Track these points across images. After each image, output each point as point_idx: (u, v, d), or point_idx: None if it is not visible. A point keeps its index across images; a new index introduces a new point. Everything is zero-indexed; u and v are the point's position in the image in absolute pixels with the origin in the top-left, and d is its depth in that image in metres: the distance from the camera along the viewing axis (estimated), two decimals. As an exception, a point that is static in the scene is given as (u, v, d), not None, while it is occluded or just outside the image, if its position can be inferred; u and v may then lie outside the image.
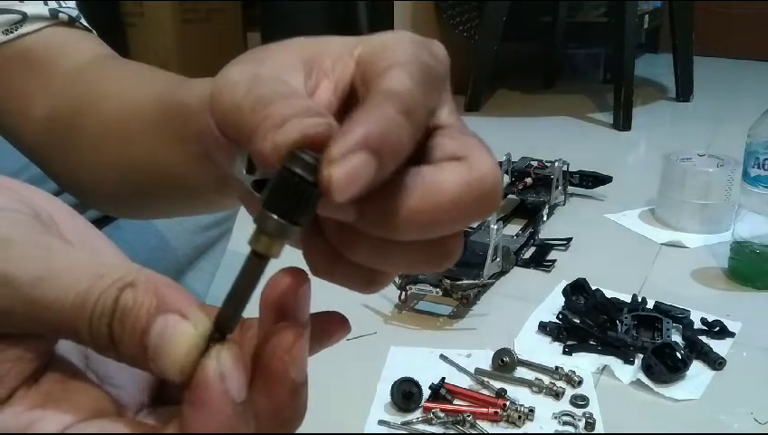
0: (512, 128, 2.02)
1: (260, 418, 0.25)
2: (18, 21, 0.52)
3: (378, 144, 0.23)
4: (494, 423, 0.69)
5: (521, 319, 0.88)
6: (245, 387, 0.23)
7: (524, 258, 1.08)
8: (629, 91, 1.92)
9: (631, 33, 1.92)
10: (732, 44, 2.99)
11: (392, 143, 0.23)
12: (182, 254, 0.80)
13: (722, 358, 0.78)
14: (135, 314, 0.22)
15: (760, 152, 0.92)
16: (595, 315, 0.85)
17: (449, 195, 0.24)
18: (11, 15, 0.52)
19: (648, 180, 1.32)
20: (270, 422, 0.25)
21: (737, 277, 0.99)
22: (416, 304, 0.93)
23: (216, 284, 0.87)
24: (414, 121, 0.24)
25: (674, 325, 0.84)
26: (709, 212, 1.14)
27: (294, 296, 0.24)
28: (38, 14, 0.54)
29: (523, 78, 2.70)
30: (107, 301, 0.22)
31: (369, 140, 0.22)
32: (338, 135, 0.23)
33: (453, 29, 2.33)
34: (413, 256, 0.26)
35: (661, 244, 1.13)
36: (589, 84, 2.62)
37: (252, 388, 0.24)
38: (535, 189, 1.26)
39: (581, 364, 0.78)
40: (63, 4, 0.56)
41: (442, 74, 0.27)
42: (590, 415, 0.69)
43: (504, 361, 0.77)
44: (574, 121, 2.05)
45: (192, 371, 0.22)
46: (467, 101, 2.21)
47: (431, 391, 0.72)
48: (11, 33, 0.52)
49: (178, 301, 0.22)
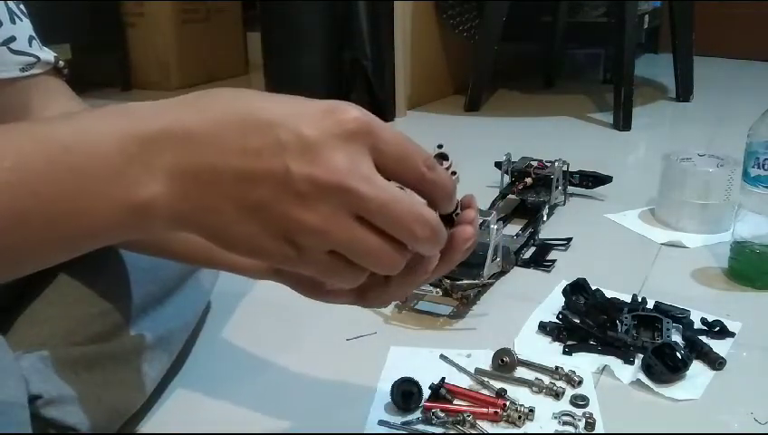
0: (512, 128, 2.02)
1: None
2: (33, 63, 0.66)
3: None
4: (494, 423, 0.69)
5: (521, 319, 0.88)
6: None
7: (524, 258, 1.08)
8: (629, 91, 1.92)
9: (631, 33, 1.92)
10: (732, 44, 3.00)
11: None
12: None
13: (722, 358, 0.78)
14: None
15: (760, 152, 0.92)
16: (595, 315, 0.85)
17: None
18: (28, 57, 0.65)
19: (648, 180, 1.32)
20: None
21: (737, 277, 0.99)
22: (416, 304, 0.93)
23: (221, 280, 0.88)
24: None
25: (674, 325, 0.84)
26: (709, 212, 1.14)
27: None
28: (47, 59, 0.67)
29: (523, 78, 2.70)
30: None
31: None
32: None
33: (453, 29, 2.33)
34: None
35: (661, 244, 1.13)
36: (589, 84, 2.62)
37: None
38: (535, 189, 1.26)
39: (581, 364, 0.78)
40: (45, 49, 0.68)
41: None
42: (590, 415, 0.69)
43: (504, 361, 0.77)
44: (574, 121, 2.05)
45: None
46: (467, 101, 2.21)
47: (431, 391, 0.72)
48: (25, 72, 0.65)
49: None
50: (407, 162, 0.38)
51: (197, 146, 0.35)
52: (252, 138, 0.35)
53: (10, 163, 0.34)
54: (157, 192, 0.35)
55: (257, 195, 0.35)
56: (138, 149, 0.35)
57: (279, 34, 1.98)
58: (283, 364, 0.80)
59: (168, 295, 0.76)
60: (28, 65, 0.65)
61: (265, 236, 0.36)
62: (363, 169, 0.35)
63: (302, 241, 0.36)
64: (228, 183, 0.35)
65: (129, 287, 0.71)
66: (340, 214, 0.35)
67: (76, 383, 0.61)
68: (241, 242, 0.37)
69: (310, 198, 0.35)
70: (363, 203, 0.35)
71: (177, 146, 0.35)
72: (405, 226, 0.36)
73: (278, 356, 0.82)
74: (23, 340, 0.62)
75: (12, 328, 0.64)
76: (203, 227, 0.37)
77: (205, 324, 0.89)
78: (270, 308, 0.92)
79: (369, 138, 0.36)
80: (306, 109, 0.36)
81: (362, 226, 0.36)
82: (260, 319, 0.91)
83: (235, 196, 0.35)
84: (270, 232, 0.36)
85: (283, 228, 0.36)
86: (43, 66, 0.67)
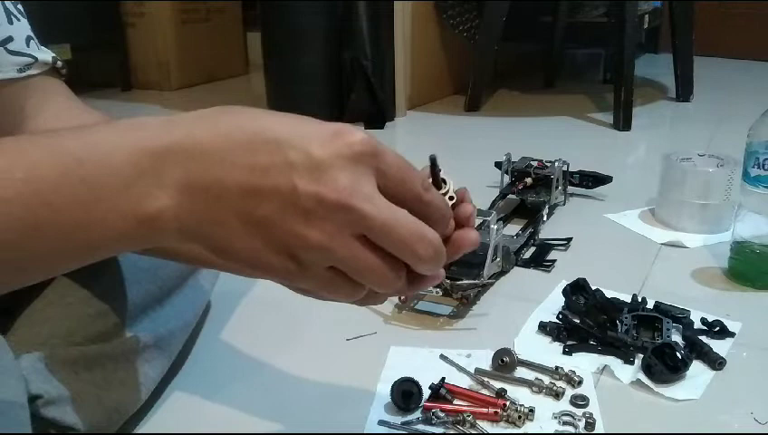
0: (512, 128, 2.02)
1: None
2: (30, 63, 0.66)
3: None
4: (494, 423, 0.69)
5: (521, 319, 0.88)
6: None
7: (524, 258, 1.08)
8: (629, 92, 1.92)
9: (631, 33, 1.92)
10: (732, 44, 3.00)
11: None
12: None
13: (722, 358, 0.78)
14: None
15: (760, 152, 0.92)
16: (595, 315, 0.85)
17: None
18: (26, 58, 0.65)
19: (648, 180, 1.32)
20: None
21: (737, 277, 0.99)
22: (416, 304, 0.93)
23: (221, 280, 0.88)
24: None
25: (674, 325, 0.84)
26: (709, 212, 1.14)
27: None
28: (45, 59, 0.67)
29: (523, 78, 2.70)
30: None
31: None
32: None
33: (453, 29, 2.33)
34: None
35: (661, 244, 1.13)
36: (589, 84, 2.62)
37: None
38: (535, 189, 1.26)
39: (581, 364, 0.78)
40: (43, 48, 0.68)
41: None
42: (590, 415, 0.69)
43: (504, 361, 0.77)
44: (574, 121, 2.05)
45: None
46: (467, 101, 2.21)
47: (431, 391, 0.72)
48: (22, 72, 0.65)
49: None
50: (407, 184, 0.39)
51: (207, 161, 0.36)
52: (261, 155, 0.36)
53: (23, 174, 0.35)
54: (165, 205, 0.36)
55: (262, 210, 0.36)
56: (149, 162, 0.36)
57: (279, 34, 1.98)
58: (282, 364, 0.80)
59: (167, 295, 0.76)
60: (25, 66, 0.65)
61: (268, 251, 0.37)
62: (368, 190, 0.36)
63: (305, 257, 0.37)
64: (235, 198, 0.36)
65: (129, 287, 0.71)
66: (343, 232, 0.36)
67: (76, 383, 0.61)
68: (244, 256, 0.38)
69: (315, 216, 0.36)
70: (367, 222, 0.36)
71: (187, 160, 0.36)
72: (408, 246, 0.37)
73: (278, 356, 0.82)
74: (23, 340, 0.62)
75: (12, 328, 0.64)
76: (208, 240, 0.38)
77: (205, 324, 0.89)
78: (270, 308, 0.92)
79: (374, 160, 0.37)
80: (315, 130, 0.37)
81: (364, 244, 0.37)
82: (260, 319, 0.91)
83: (241, 211, 0.36)
84: (273, 247, 0.37)
85: (286, 244, 0.37)
86: (41, 67, 0.67)
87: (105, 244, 0.37)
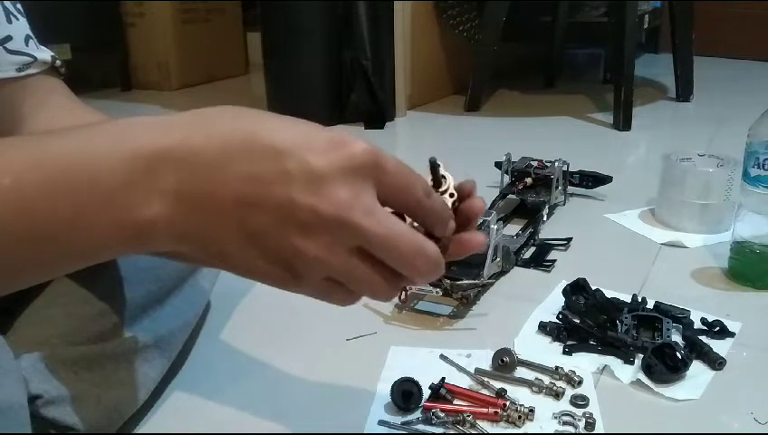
0: (512, 128, 2.02)
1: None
2: (29, 63, 0.66)
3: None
4: (494, 423, 0.69)
5: (521, 319, 0.88)
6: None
7: (524, 258, 1.08)
8: (629, 92, 1.92)
9: (631, 33, 1.92)
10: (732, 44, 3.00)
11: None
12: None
13: (722, 358, 0.78)
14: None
15: (760, 152, 0.92)
16: (595, 315, 0.85)
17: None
18: (25, 57, 0.65)
19: (648, 180, 1.32)
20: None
21: (737, 277, 0.99)
22: (416, 304, 0.93)
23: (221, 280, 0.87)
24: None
25: (674, 325, 0.84)
26: (709, 212, 1.14)
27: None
28: (44, 59, 0.67)
29: (523, 78, 2.70)
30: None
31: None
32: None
33: (453, 29, 2.33)
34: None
35: (661, 244, 1.13)
36: (589, 84, 2.62)
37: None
38: (535, 189, 1.26)
39: (581, 364, 0.78)
40: (43, 48, 0.68)
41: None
42: (590, 415, 0.69)
43: (504, 361, 0.77)
44: (574, 121, 2.05)
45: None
46: (467, 101, 2.21)
47: (431, 391, 0.72)
48: (22, 72, 0.65)
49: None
50: (407, 190, 0.38)
51: (202, 169, 0.35)
52: (257, 164, 0.35)
53: (9, 181, 0.34)
54: (158, 213, 0.36)
55: (258, 221, 0.35)
56: (143, 167, 0.35)
57: (279, 34, 1.98)
58: (282, 364, 0.80)
59: (167, 295, 0.76)
60: (24, 65, 0.65)
61: (264, 261, 0.37)
62: (366, 203, 0.36)
63: (301, 268, 0.37)
64: (230, 208, 0.35)
65: (129, 287, 0.71)
66: (340, 245, 0.36)
67: (76, 383, 0.61)
68: (239, 264, 0.37)
69: (311, 228, 0.35)
70: (365, 237, 0.36)
71: (181, 168, 0.36)
72: (407, 261, 0.37)
73: (278, 356, 0.82)
74: (23, 340, 0.62)
75: (12, 328, 0.64)
76: (202, 247, 0.37)
77: (205, 324, 0.89)
78: (270, 308, 0.92)
79: (375, 170, 0.37)
80: (313, 138, 0.36)
81: (362, 257, 0.37)
82: (260, 319, 0.91)
83: (236, 221, 0.36)
84: (268, 257, 0.36)
85: (282, 255, 0.36)
86: (40, 66, 0.67)
87: (96, 251, 0.37)
